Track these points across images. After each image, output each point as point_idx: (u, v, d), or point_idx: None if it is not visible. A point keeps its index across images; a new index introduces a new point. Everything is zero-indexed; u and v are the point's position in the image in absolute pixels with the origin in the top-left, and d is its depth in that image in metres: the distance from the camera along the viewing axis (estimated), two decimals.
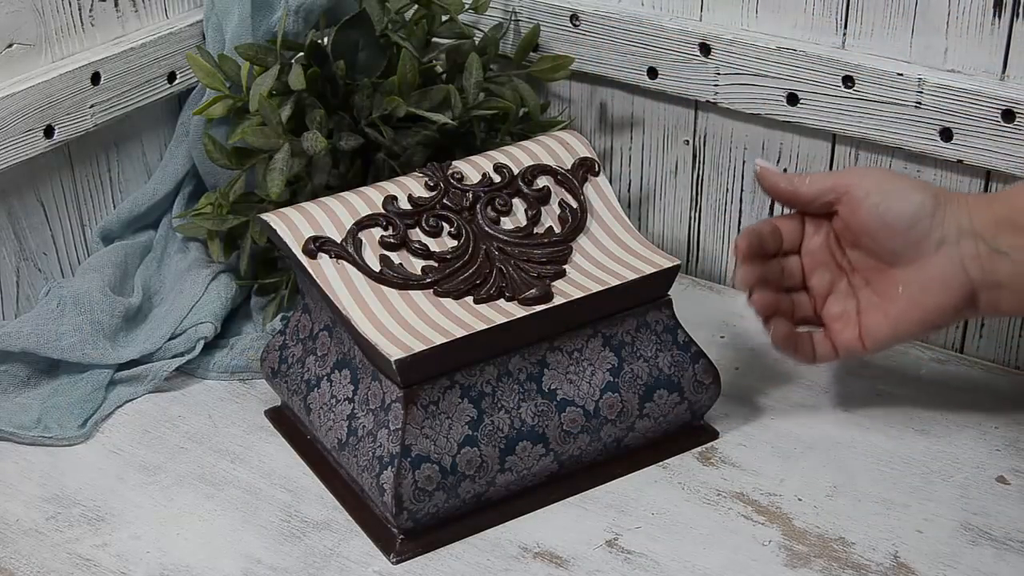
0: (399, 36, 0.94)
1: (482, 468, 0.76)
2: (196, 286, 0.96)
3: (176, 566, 0.75)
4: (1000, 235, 0.74)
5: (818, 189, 0.79)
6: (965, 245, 0.75)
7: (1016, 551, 0.75)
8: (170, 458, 0.85)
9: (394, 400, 0.75)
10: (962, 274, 0.75)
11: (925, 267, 0.76)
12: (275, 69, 0.90)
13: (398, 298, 0.77)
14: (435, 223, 0.81)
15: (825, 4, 0.91)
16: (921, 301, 0.77)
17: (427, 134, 0.91)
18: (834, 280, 0.82)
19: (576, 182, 0.85)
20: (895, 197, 0.76)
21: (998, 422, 0.86)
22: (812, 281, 0.82)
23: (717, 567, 0.75)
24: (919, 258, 0.76)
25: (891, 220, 0.76)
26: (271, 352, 0.86)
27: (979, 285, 0.75)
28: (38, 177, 0.96)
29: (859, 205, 0.77)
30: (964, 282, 0.75)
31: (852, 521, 0.78)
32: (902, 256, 0.77)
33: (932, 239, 0.76)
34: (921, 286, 0.76)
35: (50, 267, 0.98)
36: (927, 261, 0.76)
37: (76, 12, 0.96)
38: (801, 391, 0.90)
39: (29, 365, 0.91)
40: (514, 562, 0.75)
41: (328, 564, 0.75)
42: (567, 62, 1.00)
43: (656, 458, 0.83)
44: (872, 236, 0.77)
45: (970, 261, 0.75)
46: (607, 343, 0.81)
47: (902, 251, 0.77)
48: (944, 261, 0.75)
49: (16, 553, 0.77)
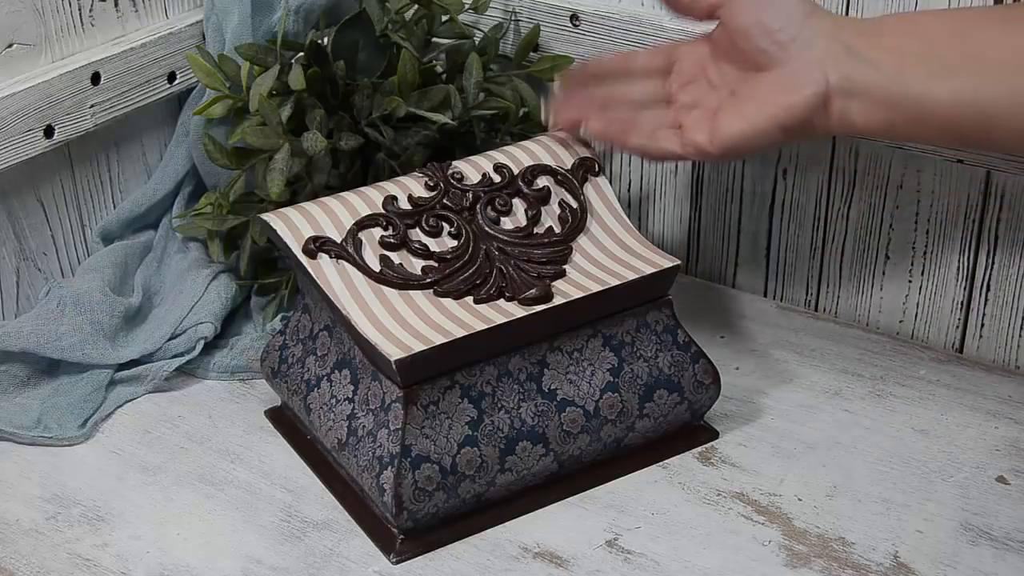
0: (399, 36, 0.94)
1: (482, 468, 0.76)
2: (196, 286, 0.96)
3: (176, 566, 0.75)
4: (862, 45, 0.76)
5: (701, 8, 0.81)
6: (828, 48, 0.76)
7: (1016, 551, 0.75)
8: (170, 458, 0.85)
9: (394, 400, 0.75)
10: (820, 74, 0.76)
11: (788, 68, 0.77)
12: (275, 69, 0.90)
13: (398, 298, 0.77)
14: (435, 223, 0.81)
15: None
16: (775, 97, 0.77)
17: (427, 134, 0.91)
18: (700, 96, 0.82)
19: (576, 182, 0.85)
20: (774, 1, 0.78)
21: (998, 422, 0.86)
22: (678, 97, 0.83)
23: (717, 567, 0.75)
24: (784, 61, 0.77)
25: (765, 20, 0.77)
26: (271, 352, 0.86)
27: (834, 89, 0.76)
28: (38, 177, 0.96)
29: (740, 6, 0.79)
30: (820, 82, 0.76)
31: (852, 521, 0.78)
32: (770, 56, 0.78)
33: (799, 42, 0.77)
34: (781, 85, 0.77)
35: (50, 267, 0.99)
36: (791, 63, 0.77)
37: (76, 12, 0.96)
38: (801, 391, 0.90)
39: (29, 365, 0.91)
40: (514, 562, 0.75)
41: (328, 564, 0.76)
42: (567, 62, 1.00)
43: (656, 458, 0.83)
44: (746, 36, 0.78)
45: (830, 64, 0.76)
46: (607, 343, 0.81)
47: (770, 50, 0.77)
48: (806, 62, 0.76)
49: (16, 553, 0.77)
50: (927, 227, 0.93)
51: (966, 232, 0.92)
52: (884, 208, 0.95)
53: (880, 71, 0.75)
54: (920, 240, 0.94)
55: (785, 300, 1.02)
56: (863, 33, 0.76)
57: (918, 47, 0.75)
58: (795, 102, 0.76)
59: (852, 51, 0.75)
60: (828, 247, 0.98)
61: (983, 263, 0.92)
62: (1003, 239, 0.91)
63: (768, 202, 1.00)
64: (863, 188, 0.95)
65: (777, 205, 1.00)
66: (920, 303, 0.96)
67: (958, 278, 0.93)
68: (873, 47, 0.75)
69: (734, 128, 0.78)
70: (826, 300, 1.00)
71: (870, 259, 0.97)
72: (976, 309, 0.93)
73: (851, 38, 0.76)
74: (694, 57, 0.84)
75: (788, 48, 0.77)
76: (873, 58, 0.75)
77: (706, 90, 0.82)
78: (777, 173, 0.99)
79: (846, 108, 0.76)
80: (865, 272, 0.97)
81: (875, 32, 0.76)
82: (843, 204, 0.96)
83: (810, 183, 0.98)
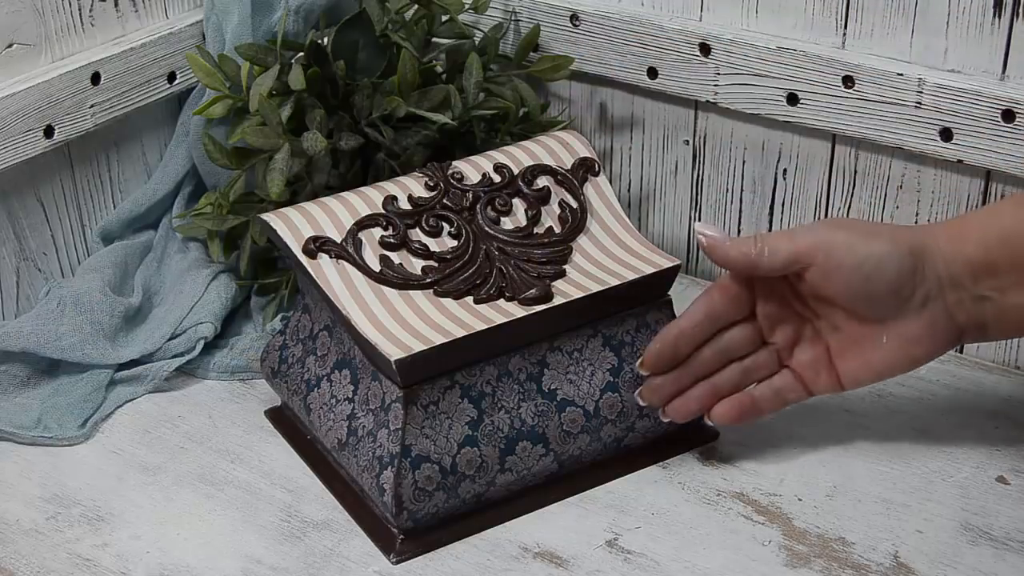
0: (399, 36, 0.94)
1: (482, 468, 0.76)
2: (196, 286, 0.96)
3: (176, 566, 0.75)
4: (979, 280, 0.73)
5: (781, 262, 0.74)
6: (949, 295, 0.74)
7: (1016, 551, 0.75)
8: (170, 458, 0.85)
9: (394, 400, 0.75)
10: (949, 322, 0.74)
11: (910, 321, 0.74)
12: (275, 69, 0.90)
13: (398, 298, 0.77)
14: (435, 223, 0.81)
15: (825, 4, 0.91)
16: (908, 351, 0.75)
17: (427, 134, 0.91)
18: (798, 330, 0.78)
19: (576, 182, 0.85)
20: (871, 266, 0.73)
21: (998, 422, 0.86)
22: (774, 337, 0.78)
23: (717, 567, 0.75)
24: (905, 314, 0.74)
25: (874, 289, 0.74)
26: (271, 352, 0.86)
27: (965, 328, 0.75)
28: (38, 177, 0.96)
29: (833, 275, 0.74)
30: (951, 328, 0.75)
31: (852, 521, 0.78)
32: (884, 316, 0.75)
33: (917, 296, 0.74)
34: (908, 338, 0.75)
35: (50, 267, 0.98)
36: (912, 316, 0.74)
37: (76, 12, 0.96)
38: None
39: (29, 365, 0.91)
40: (514, 562, 0.75)
41: (328, 564, 0.75)
42: (567, 62, 1.00)
43: (656, 458, 0.83)
44: (851, 303, 0.75)
45: (955, 308, 0.74)
46: (607, 343, 0.81)
47: (884, 313, 0.75)
48: (930, 314, 0.74)
49: (16, 553, 0.77)
50: None
51: None
52: (884, 208, 0.95)
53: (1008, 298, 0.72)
54: None
55: None
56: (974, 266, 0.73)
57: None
58: (929, 353, 0.75)
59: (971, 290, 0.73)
60: None
61: None
62: None
63: (768, 202, 1.00)
64: (863, 188, 0.95)
65: (777, 205, 1.00)
66: None
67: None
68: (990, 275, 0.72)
69: (863, 377, 0.77)
70: None
71: None
72: None
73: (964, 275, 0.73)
74: (775, 297, 0.77)
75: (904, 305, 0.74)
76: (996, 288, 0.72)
77: (801, 323, 0.78)
78: (777, 173, 0.99)
79: (981, 337, 0.75)
80: None
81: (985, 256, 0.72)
82: (843, 204, 0.96)
83: (810, 183, 0.98)
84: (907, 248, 0.73)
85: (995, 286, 0.73)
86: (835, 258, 0.73)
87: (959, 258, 0.73)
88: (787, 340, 0.78)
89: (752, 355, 0.79)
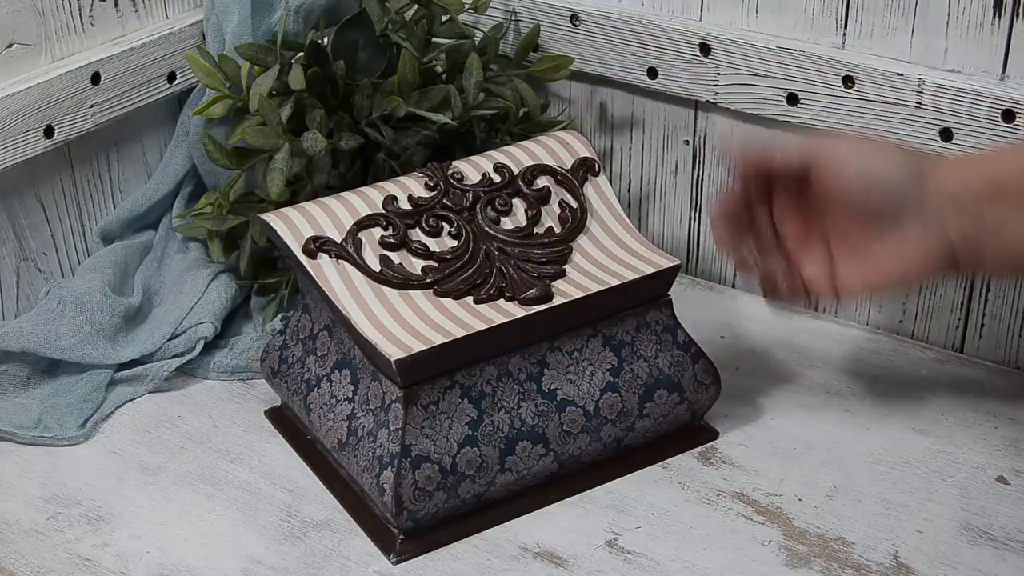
0: (399, 36, 0.94)
1: (482, 468, 0.76)
2: (196, 286, 0.96)
3: (176, 566, 0.75)
4: (982, 202, 0.73)
5: (792, 161, 0.77)
6: (948, 212, 0.74)
7: (1016, 551, 0.75)
8: (170, 458, 0.85)
9: (394, 400, 0.75)
10: (944, 240, 0.74)
11: (907, 232, 0.75)
12: (275, 69, 0.90)
13: (398, 298, 0.77)
14: (435, 223, 0.81)
15: (825, 4, 0.91)
16: (901, 264, 0.75)
17: (427, 134, 0.91)
18: (807, 227, 0.80)
19: (576, 182, 0.85)
20: (875, 169, 0.75)
21: (998, 422, 0.86)
22: (783, 228, 0.80)
23: (717, 567, 0.75)
24: (901, 223, 0.75)
25: (873, 193, 0.75)
26: (271, 352, 0.86)
27: (960, 249, 0.74)
28: (38, 177, 0.96)
29: (837, 178, 0.75)
30: (946, 246, 0.74)
31: (852, 521, 0.78)
32: (883, 220, 0.75)
33: (913, 207, 0.74)
34: (902, 250, 0.75)
35: (50, 267, 0.98)
36: (909, 226, 0.75)
37: (76, 12, 0.96)
38: (801, 391, 0.90)
39: (29, 365, 0.91)
40: (514, 562, 0.75)
41: (328, 564, 0.75)
42: (567, 62, 1.00)
43: (656, 458, 0.83)
44: (850, 206, 0.76)
45: (953, 228, 0.74)
46: (607, 343, 0.81)
47: (884, 217, 0.75)
48: (927, 227, 0.74)
49: (16, 553, 0.77)
50: None
51: None
52: None
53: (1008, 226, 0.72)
54: None
55: None
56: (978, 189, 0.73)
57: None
58: (920, 269, 0.75)
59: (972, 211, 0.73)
60: None
61: None
62: None
63: None
64: None
65: None
66: (920, 303, 0.96)
67: (958, 278, 0.93)
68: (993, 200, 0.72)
69: (857, 287, 0.77)
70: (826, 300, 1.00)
71: None
72: (976, 309, 0.93)
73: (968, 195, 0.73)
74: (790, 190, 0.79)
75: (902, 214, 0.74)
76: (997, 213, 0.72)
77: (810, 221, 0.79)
78: None
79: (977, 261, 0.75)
80: None
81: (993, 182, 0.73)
82: None
83: None
84: (914, 158, 0.75)
85: (997, 211, 0.73)
86: (843, 159, 0.75)
87: (964, 177, 0.74)
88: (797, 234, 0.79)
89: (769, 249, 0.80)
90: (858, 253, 0.77)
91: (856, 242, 0.77)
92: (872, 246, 0.76)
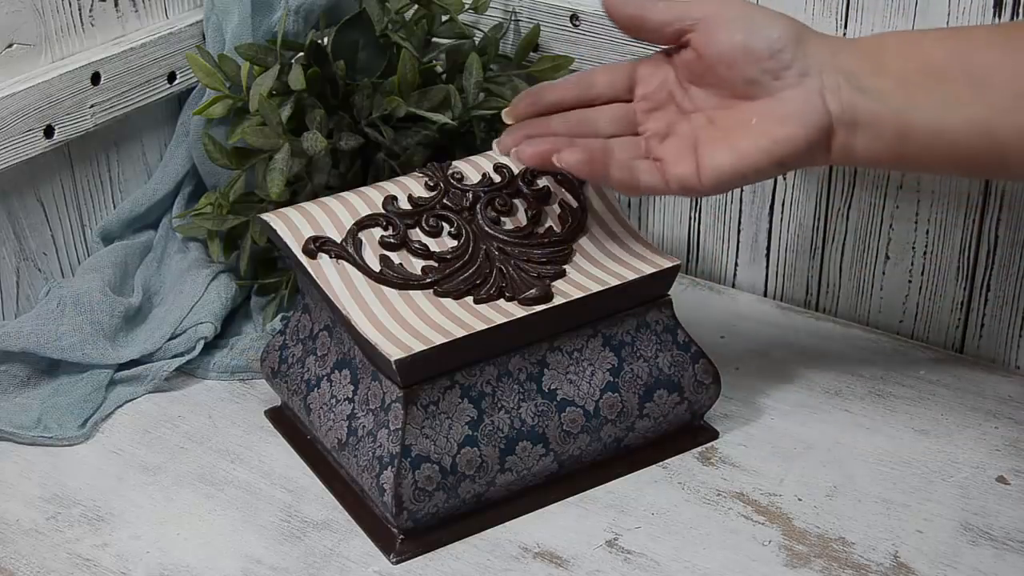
0: (399, 36, 0.94)
1: (482, 468, 0.76)
2: (196, 286, 0.96)
3: (176, 566, 0.75)
4: (863, 73, 0.71)
5: (672, 15, 0.74)
6: (827, 78, 0.72)
7: (1016, 551, 0.75)
8: (170, 458, 0.85)
9: (394, 400, 0.75)
10: (820, 106, 0.72)
11: (783, 99, 0.73)
12: (275, 69, 0.90)
13: (398, 298, 0.77)
14: (435, 223, 0.81)
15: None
16: (773, 132, 0.73)
17: (427, 134, 0.91)
18: (672, 123, 0.77)
19: (576, 182, 0.85)
20: (758, 24, 0.73)
21: (998, 422, 0.86)
22: (647, 125, 0.77)
23: (717, 567, 0.75)
24: (778, 90, 0.73)
25: (754, 46, 0.72)
26: (271, 352, 0.86)
27: (836, 120, 0.72)
28: (38, 177, 0.96)
29: (719, 31, 0.73)
30: (822, 114, 0.72)
31: (852, 521, 0.78)
32: (760, 86, 0.73)
33: (793, 69, 0.72)
34: (776, 117, 0.73)
35: (50, 267, 0.99)
36: (786, 92, 0.73)
37: (76, 12, 0.96)
38: (801, 391, 0.90)
39: (29, 365, 0.91)
40: (514, 562, 0.75)
41: (328, 564, 0.76)
42: (567, 62, 1.00)
43: (656, 458, 0.83)
44: (730, 64, 0.73)
45: (830, 94, 0.72)
46: (607, 343, 0.81)
47: (761, 80, 0.73)
48: (803, 92, 0.72)
49: (16, 553, 0.77)
50: (927, 227, 0.93)
51: (966, 232, 0.92)
52: (884, 208, 0.95)
53: (886, 102, 0.71)
54: (920, 240, 0.94)
55: (785, 300, 1.02)
56: (863, 58, 0.72)
57: (923, 74, 0.70)
58: (794, 136, 0.72)
59: (854, 79, 0.71)
60: (828, 247, 0.98)
61: (983, 263, 0.92)
62: (1003, 239, 0.91)
63: (768, 202, 1.00)
64: (863, 188, 0.95)
65: (777, 205, 1.00)
66: (920, 303, 0.96)
67: (958, 278, 0.93)
68: (875, 74, 0.71)
69: (724, 162, 0.73)
70: (826, 300, 1.00)
71: (870, 259, 0.97)
72: (976, 309, 0.93)
73: (851, 64, 0.72)
74: (656, 80, 0.78)
75: (781, 77, 0.72)
76: (877, 87, 0.71)
77: (677, 117, 0.77)
78: None
79: (850, 141, 0.72)
80: (865, 272, 0.97)
81: (876, 57, 0.72)
82: (843, 204, 0.96)
83: (810, 183, 0.98)
84: (796, 23, 0.73)
85: (876, 84, 0.71)
86: (724, 14, 0.74)
87: (847, 48, 0.73)
88: (658, 131, 0.77)
89: (619, 137, 0.77)
90: (727, 133, 0.74)
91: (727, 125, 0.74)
92: (741, 122, 0.74)
